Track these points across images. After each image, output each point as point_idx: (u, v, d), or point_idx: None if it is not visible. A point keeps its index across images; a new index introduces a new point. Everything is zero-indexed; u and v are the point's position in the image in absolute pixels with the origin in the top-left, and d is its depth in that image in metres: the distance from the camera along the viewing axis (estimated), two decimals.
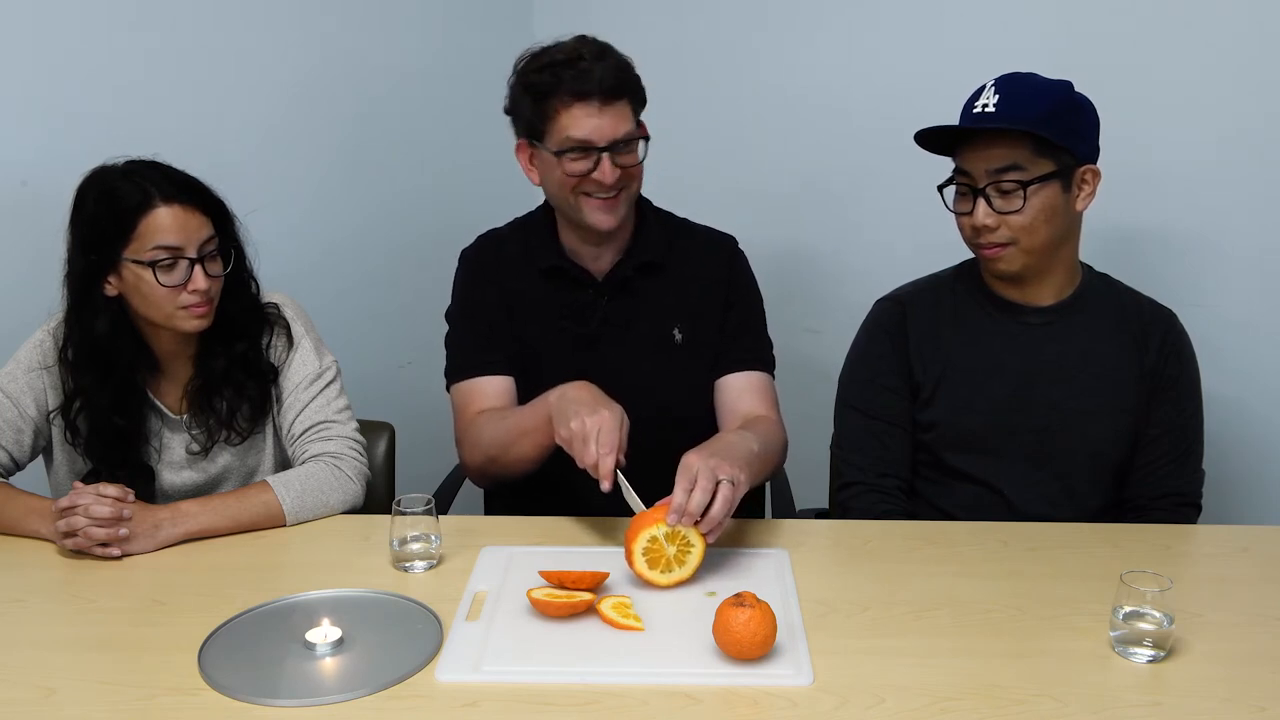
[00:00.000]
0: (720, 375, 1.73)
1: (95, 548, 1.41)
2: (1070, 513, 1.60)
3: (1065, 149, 1.50)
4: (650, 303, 1.72)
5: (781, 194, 2.43)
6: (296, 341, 1.67)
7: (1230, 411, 1.96)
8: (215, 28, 2.13)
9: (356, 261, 2.43)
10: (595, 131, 1.56)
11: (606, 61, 1.56)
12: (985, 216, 1.52)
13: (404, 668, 1.14)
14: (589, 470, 1.38)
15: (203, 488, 1.66)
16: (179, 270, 1.49)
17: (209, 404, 1.61)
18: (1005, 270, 1.58)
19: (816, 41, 2.34)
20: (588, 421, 1.39)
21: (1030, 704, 1.08)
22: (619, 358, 1.70)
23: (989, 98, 1.50)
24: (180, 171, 1.52)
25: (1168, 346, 1.62)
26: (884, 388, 1.68)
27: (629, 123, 1.59)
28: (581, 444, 1.38)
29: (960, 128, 1.53)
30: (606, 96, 1.55)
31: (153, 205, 1.47)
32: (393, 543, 1.40)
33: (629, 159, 1.60)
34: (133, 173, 1.49)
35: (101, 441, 1.58)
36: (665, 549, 1.31)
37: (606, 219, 1.63)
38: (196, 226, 1.50)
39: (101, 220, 1.48)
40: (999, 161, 1.50)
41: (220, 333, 1.59)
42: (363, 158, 2.43)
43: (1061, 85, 1.53)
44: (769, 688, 1.11)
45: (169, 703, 1.09)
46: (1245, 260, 2.03)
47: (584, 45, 1.58)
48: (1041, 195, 1.51)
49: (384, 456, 1.89)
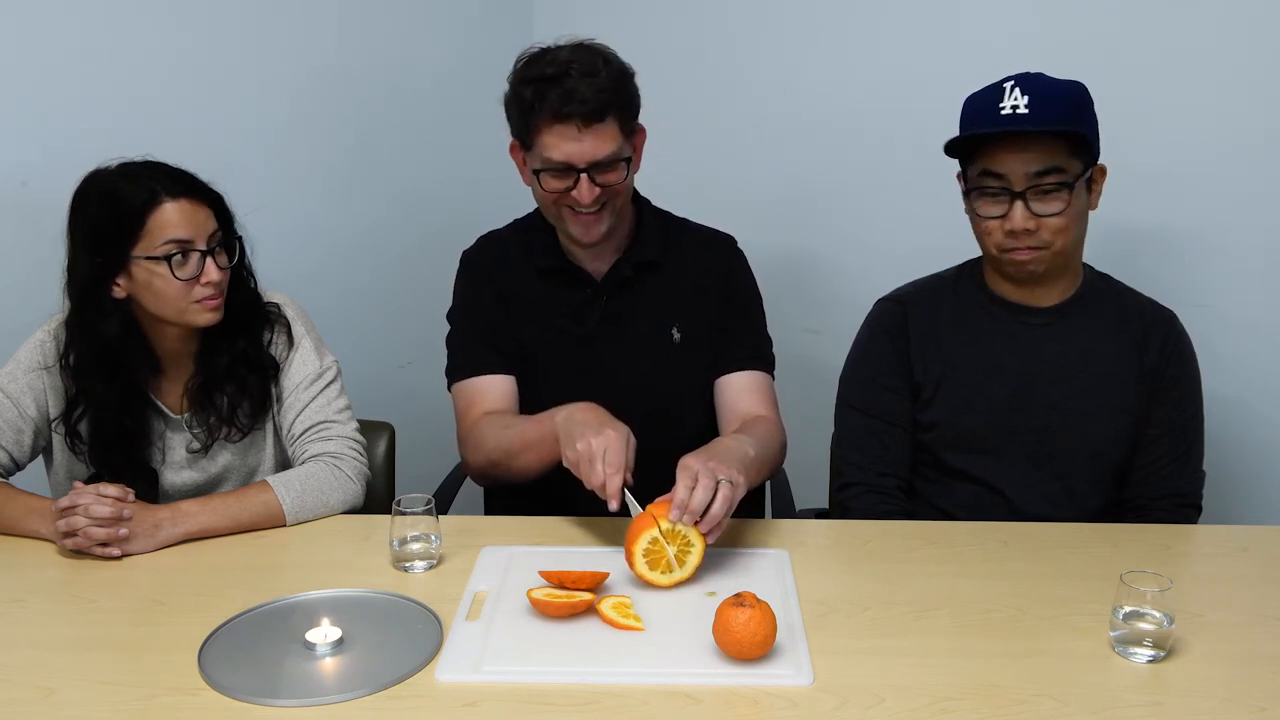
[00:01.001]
0: (720, 374, 1.72)
1: (95, 548, 1.41)
2: (1070, 513, 1.60)
3: (1091, 149, 1.50)
4: (648, 301, 1.72)
5: (782, 195, 2.43)
6: (297, 341, 1.67)
7: (1230, 411, 1.96)
8: (217, 29, 2.13)
9: (357, 262, 2.43)
10: (574, 154, 1.54)
11: (596, 78, 1.52)
12: (1024, 220, 1.49)
13: (404, 668, 1.14)
14: (596, 491, 1.37)
15: (203, 487, 1.66)
16: (192, 263, 1.49)
17: (210, 400, 1.61)
18: (1035, 271, 1.56)
19: (818, 43, 2.34)
20: (594, 442, 1.38)
21: (1030, 704, 1.08)
22: (617, 357, 1.70)
23: (1017, 99, 1.47)
24: (177, 168, 1.53)
25: (1169, 347, 1.63)
26: (884, 388, 1.68)
27: (612, 143, 1.55)
28: (589, 465, 1.38)
29: (1001, 130, 1.48)
30: (589, 119, 1.52)
31: (159, 201, 1.47)
32: (393, 543, 1.40)
33: (611, 177, 1.58)
34: (132, 173, 1.49)
35: (104, 445, 1.58)
36: (666, 550, 1.31)
37: (588, 234, 1.62)
38: (203, 219, 1.51)
39: (106, 222, 1.48)
40: (1040, 164, 1.48)
41: (223, 328, 1.59)
42: (363, 159, 2.43)
43: (1078, 84, 1.53)
44: (769, 688, 1.11)
45: (169, 703, 1.09)
46: (1245, 260, 2.03)
47: (577, 57, 1.54)
48: (1078, 195, 1.51)
49: (384, 456, 1.89)
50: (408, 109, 2.49)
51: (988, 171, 1.51)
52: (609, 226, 1.64)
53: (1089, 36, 2.06)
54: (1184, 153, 2.03)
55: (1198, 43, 1.99)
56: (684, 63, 2.41)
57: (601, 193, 1.58)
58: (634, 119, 1.62)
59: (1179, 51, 2.00)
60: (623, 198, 1.64)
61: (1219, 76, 1.98)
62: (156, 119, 2.02)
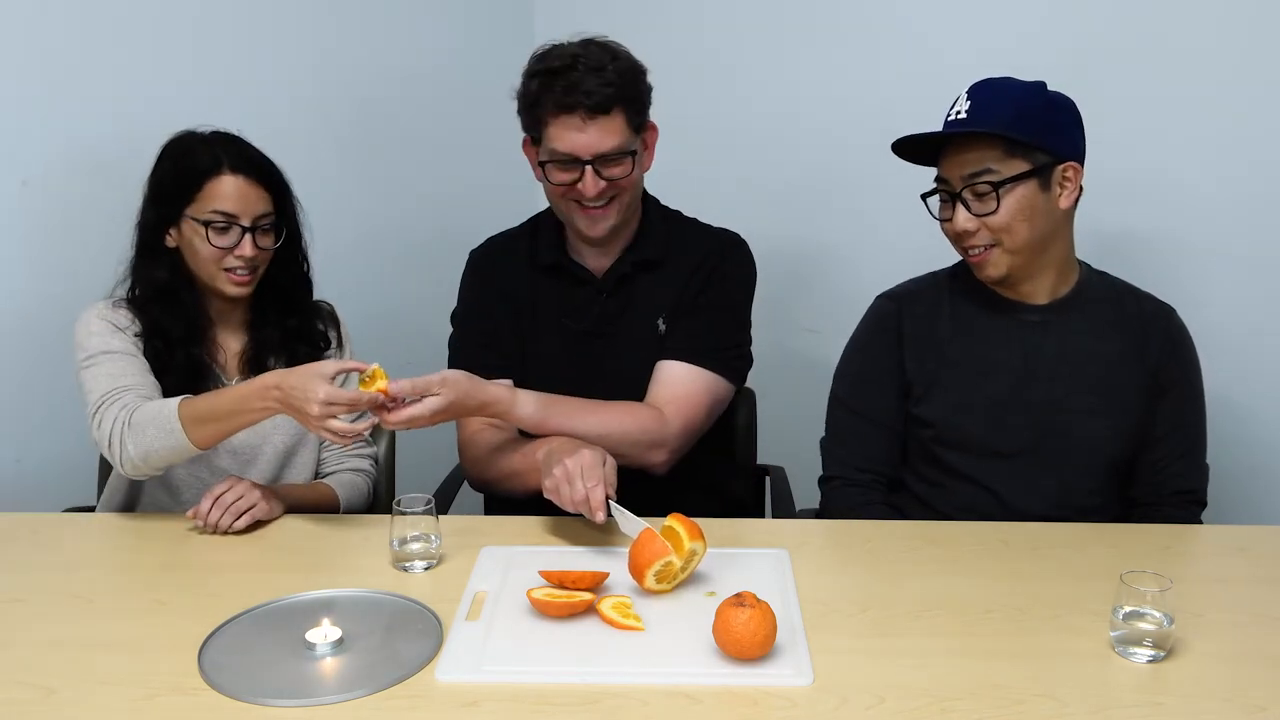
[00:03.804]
0: (660, 359, 1.68)
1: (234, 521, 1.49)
2: (1069, 512, 1.60)
3: (1040, 148, 1.51)
4: (643, 298, 1.72)
5: (784, 194, 2.43)
6: (345, 346, 1.78)
7: (1230, 411, 1.96)
8: (219, 29, 2.13)
9: (360, 262, 2.43)
10: (579, 145, 1.56)
11: (603, 72, 1.54)
12: (965, 221, 1.55)
13: (404, 668, 1.14)
14: (581, 509, 1.39)
15: (250, 444, 1.68)
16: (231, 235, 1.59)
17: (263, 366, 1.68)
18: (993, 274, 1.59)
19: (820, 41, 2.34)
20: (569, 464, 1.41)
21: (1030, 704, 1.08)
22: (608, 353, 1.70)
23: (962, 105, 1.54)
24: (256, 149, 1.63)
25: (1169, 343, 1.63)
26: (872, 385, 1.69)
27: (618, 136, 1.57)
28: (568, 485, 1.40)
29: (929, 135, 1.56)
30: (593, 110, 1.54)
31: (220, 172, 1.58)
32: (393, 543, 1.40)
33: (618, 170, 1.59)
34: (212, 140, 1.61)
35: (179, 371, 1.63)
36: (675, 566, 1.30)
37: (596, 227, 1.63)
38: (256, 199, 1.60)
39: (173, 177, 1.60)
40: (971, 166, 1.52)
41: (275, 302, 1.70)
42: (365, 158, 2.43)
43: (1033, 86, 1.55)
44: (769, 688, 1.11)
45: (169, 703, 1.09)
46: (1245, 260, 2.02)
47: (585, 52, 1.56)
48: (1015, 195, 1.52)
49: (384, 456, 1.90)
50: (412, 109, 2.49)
51: (938, 175, 1.59)
52: (617, 222, 1.64)
53: (1092, 37, 2.06)
54: (1184, 153, 2.03)
55: (1197, 42, 1.99)
56: (687, 62, 2.40)
57: (608, 186, 1.59)
58: (642, 114, 1.62)
59: (1178, 51, 2.00)
60: (630, 193, 1.64)
61: (1219, 77, 1.98)
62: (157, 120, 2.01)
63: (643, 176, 1.68)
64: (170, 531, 1.51)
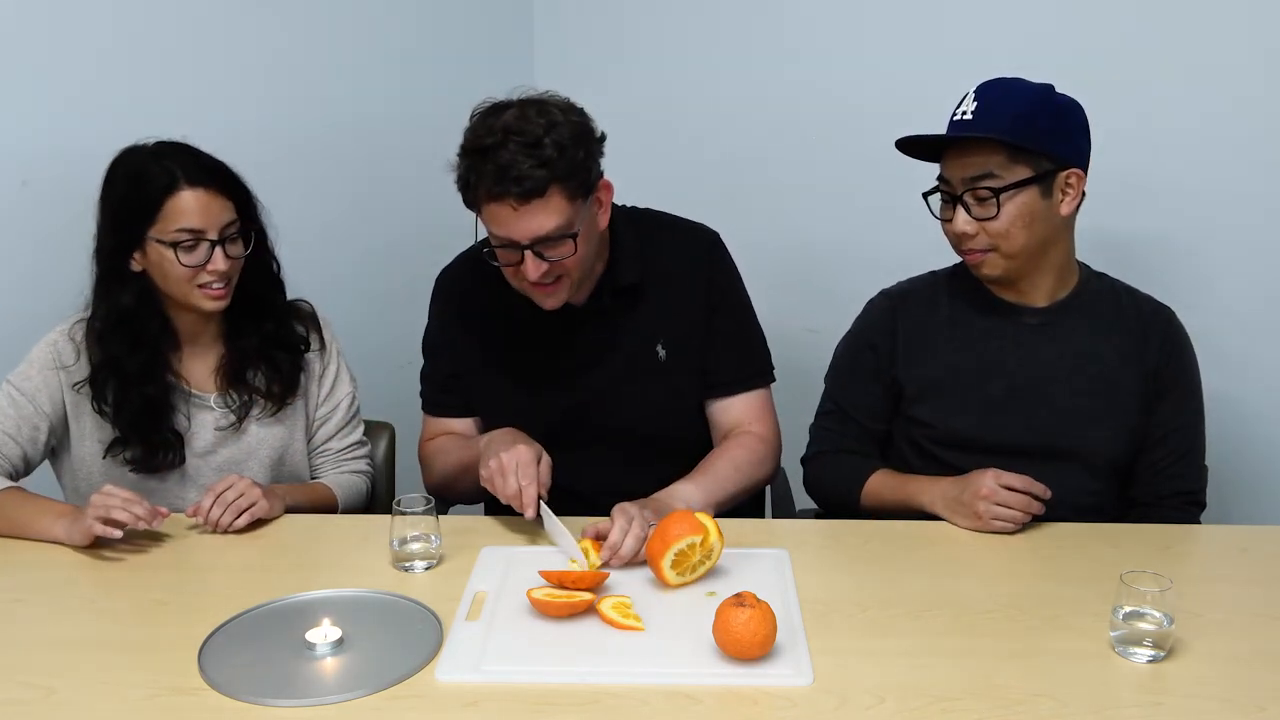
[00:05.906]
0: (713, 397, 1.69)
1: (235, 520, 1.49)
2: (1069, 513, 1.60)
3: (1043, 154, 1.50)
4: (630, 324, 1.65)
5: (783, 193, 2.43)
6: (329, 346, 1.75)
7: (1230, 411, 1.96)
8: (220, 30, 2.13)
9: (357, 262, 2.43)
10: (515, 232, 1.46)
11: (538, 149, 1.42)
12: (964, 224, 1.54)
13: (404, 668, 1.14)
14: (511, 503, 1.42)
15: (235, 463, 1.67)
16: (200, 251, 1.53)
17: (242, 378, 1.66)
18: (989, 275, 1.59)
19: (820, 39, 2.33)
20: (504, 458, 1.42)
21: (1030, 704, 1.08)
22: (603, 383, 1.65)
23: (968, 106, 1.52)
24: (207, 155, 1.57)
25: (1168, 344, 1.63)
26: (856, 380, 1.71)
27: (556, 217, 1.45)
28: (501, 478, 1.42)
29: (935, 137, 1.55)
30: (525, 197, 1.42)
31: (178, 188, 1.51)
32: (393, 543, 1.40)
33: (560, 251, 1.47)
34: (161, 154, 1.54)
35: (130, 413, 1.60)
36: (697, 551, 1.31)
37: (548, 302, 1.55)
38: (219, 209, 1.54)
39: (129, 200, 1.53)
40: (973, 170, 1.51)
41: (248, 310, 1.64)
42: (364, 158, 2.43)
43: (1040, 90, 1.53)
44: (769, 688, 1.11)
45: (169, 703, 1.09)
46: (1244, 260, 2.03)
47: (518, 124, 1.44)
48: (1017, 202, 1.51)
49: (384, 456, 1.90)
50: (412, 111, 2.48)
51: (940, 175, 1.58)
52: (570, 294, 1.56)
53: (1097, 38, 2.05)
54: (1183, 153, 2.03)
55: (1197, 43, 1.99)
56: (687, 61, 2.40)
57: (550, 268, 1.49)
58: (586, 182, 1.49)
59: (1178, 52, 2.00)
60: (579, 268, 1.53)
61: (1218, 77, 1.98)
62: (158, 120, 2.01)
63: (597, 237, 1.57)
64: (170, 531, 1.51)
